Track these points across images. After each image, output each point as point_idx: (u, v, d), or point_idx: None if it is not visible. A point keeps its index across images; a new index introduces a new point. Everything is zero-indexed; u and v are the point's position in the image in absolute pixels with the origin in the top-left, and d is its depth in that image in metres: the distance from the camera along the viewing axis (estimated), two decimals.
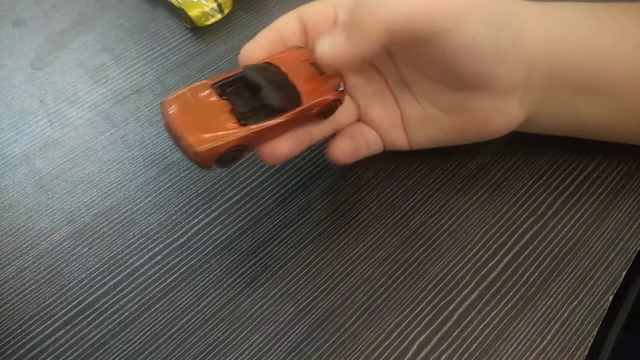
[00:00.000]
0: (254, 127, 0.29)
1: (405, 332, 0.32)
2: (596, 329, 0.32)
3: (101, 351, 0.32)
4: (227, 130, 0.28)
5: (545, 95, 0.32)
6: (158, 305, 0.33)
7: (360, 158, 0.34)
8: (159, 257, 0.35)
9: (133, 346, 0.32)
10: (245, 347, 0.32)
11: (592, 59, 0.31)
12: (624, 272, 0.33)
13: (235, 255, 0.35)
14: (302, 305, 0.33)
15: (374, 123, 0.35)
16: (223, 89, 0.30)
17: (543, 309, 0.32)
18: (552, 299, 0.33)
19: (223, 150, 0.28)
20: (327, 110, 0.32)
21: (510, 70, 0.31)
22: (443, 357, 0.31)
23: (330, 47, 0.29)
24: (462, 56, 0.30)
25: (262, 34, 0.32)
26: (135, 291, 0.34)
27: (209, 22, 0.45)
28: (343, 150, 0.33)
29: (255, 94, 0.30)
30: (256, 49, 0.31)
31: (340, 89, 0.31)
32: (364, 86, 0.34)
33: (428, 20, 0.28)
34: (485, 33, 0.29)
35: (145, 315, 0.33)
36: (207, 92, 0.30)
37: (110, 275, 0.34)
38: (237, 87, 0.30)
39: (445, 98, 0.33)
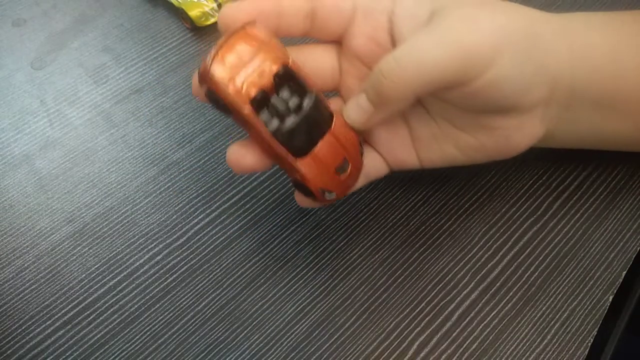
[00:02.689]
0: (240, 106, 0.27)
1: (405, 332, 0.32)
2: (596, 329, 0.32)
3: (101, 351, 0.32)
4: (234, 86, 0.27)
5: (564, 111, 0.31)
6: (158, 305, 0.33)
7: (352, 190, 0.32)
8: (159, 257, 0.35)
9: (133, 346, 0.32)
10: (245, 347, 0.32)
11: (612, 76, 0.30)
12: (624, 272, 0.33)
13: (235, 255, 0.35)
14: (302, 305, 0.33)
15: (375, 143, 0.33)
16: (285, 77, 0.28)
17: (543, 309, 0.32)
18: (552, 299, 0.33)
19: (214, 88, 0.28)
20: (293, 182, 0.30)
21: (533, 94, 0.29)
22: (443, 357, 0.31)
23: (356, 115, 0.29)
24: (488, 97, 0.29)
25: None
26: (135, 291, 0.34)
27: (209, 22, 0.45)
28: (301, 199, 0.31)
29: (290, 106, 0.28)
30: (239, 10, 0.28)
31: (329, 196, 0.30)
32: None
33: (460, 65, 0.27)
34: (512, 71, 0.28)
35: (145, 315, 0.33)
36: (269, 64, 0.28)
37: (110, 275, 0.34)
38: (294, 86, 0.29)
39: (464, 118, 0.31)
